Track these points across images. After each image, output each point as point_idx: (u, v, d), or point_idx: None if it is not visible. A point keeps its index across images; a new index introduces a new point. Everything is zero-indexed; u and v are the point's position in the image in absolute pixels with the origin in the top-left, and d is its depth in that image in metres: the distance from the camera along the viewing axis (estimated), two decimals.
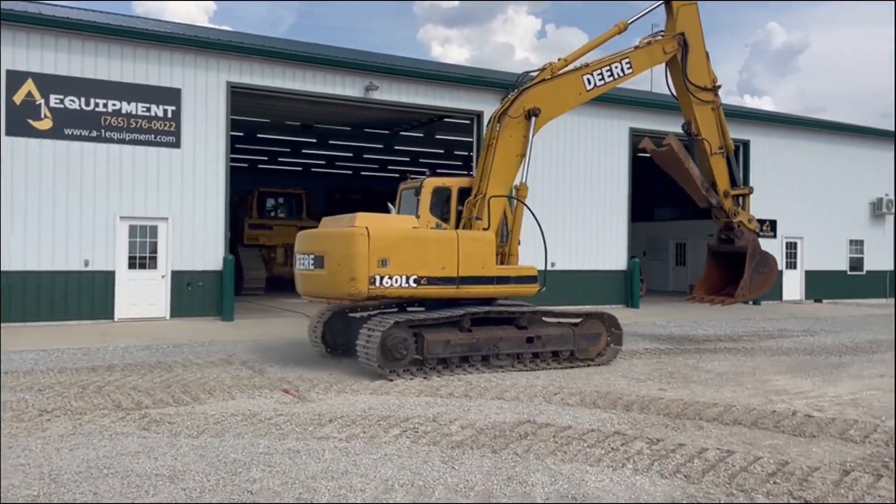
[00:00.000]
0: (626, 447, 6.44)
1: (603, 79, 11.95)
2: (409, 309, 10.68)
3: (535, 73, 11.84)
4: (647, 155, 29.64)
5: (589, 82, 11.77)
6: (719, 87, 12.98)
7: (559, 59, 11.80)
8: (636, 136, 21.85)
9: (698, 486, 5.49)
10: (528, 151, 11.25)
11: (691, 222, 29.82)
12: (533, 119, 11.13)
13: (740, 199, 13.30)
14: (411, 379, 9.50)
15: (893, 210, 26.29)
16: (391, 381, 9.34)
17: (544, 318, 10.95)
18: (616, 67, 12.06)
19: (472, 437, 6.70)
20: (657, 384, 9.56)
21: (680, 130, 13.48)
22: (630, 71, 12.19)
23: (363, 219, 9.95)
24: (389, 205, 12.28)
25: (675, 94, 12.88)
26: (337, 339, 11.42)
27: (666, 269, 30.37)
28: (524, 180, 11.31)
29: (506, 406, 8.09)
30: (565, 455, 6.20)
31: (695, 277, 28.63)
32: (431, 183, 11.42)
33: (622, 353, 11.89)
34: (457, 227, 11.12)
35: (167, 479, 5.43)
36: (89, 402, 7.93)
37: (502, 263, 10.98)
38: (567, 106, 11.92)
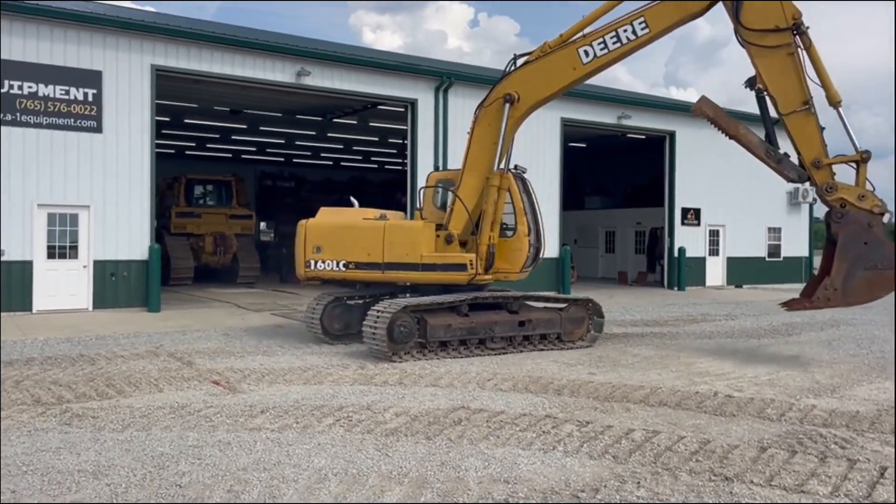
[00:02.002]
0: (556, 430, 6.59)
1: (606, 47, 10.46)
2: (408, 295, 11.45)
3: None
4: (579, 145, 29.87)
5: (587, 54, 10.55)
6: (798, 25, 9.85)
7: (558, 36, 10.81)
8: (567, 126, 22.22)
9: (625, 466, 5.67)
10: (500, 140, 10.96)
11: (620, 210, 30.62)
12: (507, 106, 10.94)
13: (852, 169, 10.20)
14: (415, 361, 9.98)
15: (809, 199, 27.56)
16: (395, 362, 9.87)
17: (533, 304, 11.67)
18: (625, 31, 10.39)
19: (406, 425, 6.73)
20: (587, 368, 9.80)
21: (613, 121, 13.27)
22: (646, 32, 10.34)
23: (319, 212, 12.20)
24: (352, 199, 12.84)
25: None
26: (334, 325, 11.62)
27: (596, 256, 31.07)
28: (500, 168, 11.14)
29: (440, 393, 8.14)
30: (498, 439, 6.30)
31: (623, 264, 29.51)
32: (434, 177, 12.70)
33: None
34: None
35: (90, 475, 5.26)
36: (6, 398, 7.57)
37: (470, 252, 11.13)
38: (557, 85, 10.91)
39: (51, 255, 14.88)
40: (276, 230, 36.19)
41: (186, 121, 24.68)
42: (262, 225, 35.03)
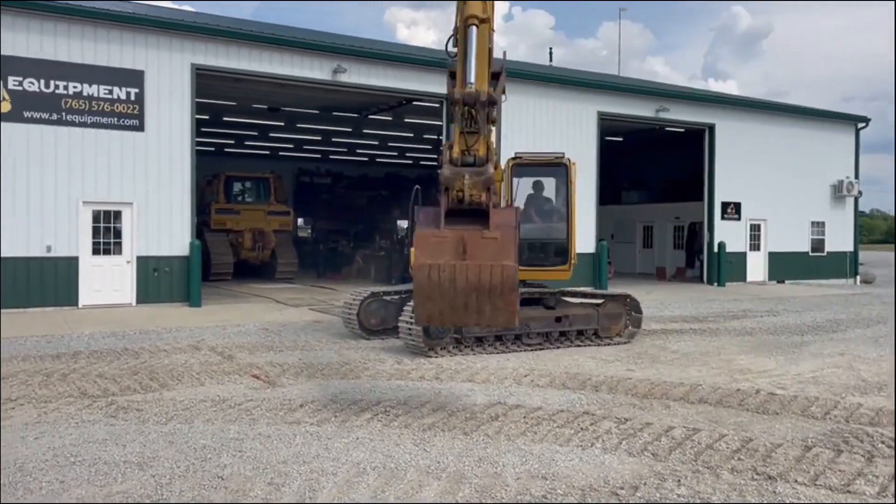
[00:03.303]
0: (594, 427, 6.54)
1: None
2: None
3: None
4: (616, 139, 29.70)
5: None
6: None
7: None
8: (603, 120, 22.01)
9: (665, 463, 5.60)
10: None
11: (658, 205, 30.21)
12: None
13: None
14: (451, 356, 9.97)
15: (854, 192, 26.87)
16: (431, 357, 9.87)
17: (569, 299, 11.61)
18: None
19: (443, 420, 6.75)
20: (625, 365, 9.70)
21: (651, 114, 13.16)
22: None
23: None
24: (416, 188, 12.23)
25: None
26: (371, 320, 11.65)
27: (633, 251, 30.73)
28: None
29: (477, 388, 8.14)
30: (535, 436, 6.28)
31: (662, 260, 29.12)
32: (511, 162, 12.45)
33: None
34: None
35: (136, 466, 5.38)
36: (54, 390, 7.80)
37: None
38: None
39: (96, 252, 15.25)
40: (314, 226, 36.59)
41: (225, 119, 25.05)
42: (300, 221, 35.42)
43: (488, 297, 6.42)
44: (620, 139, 28.29)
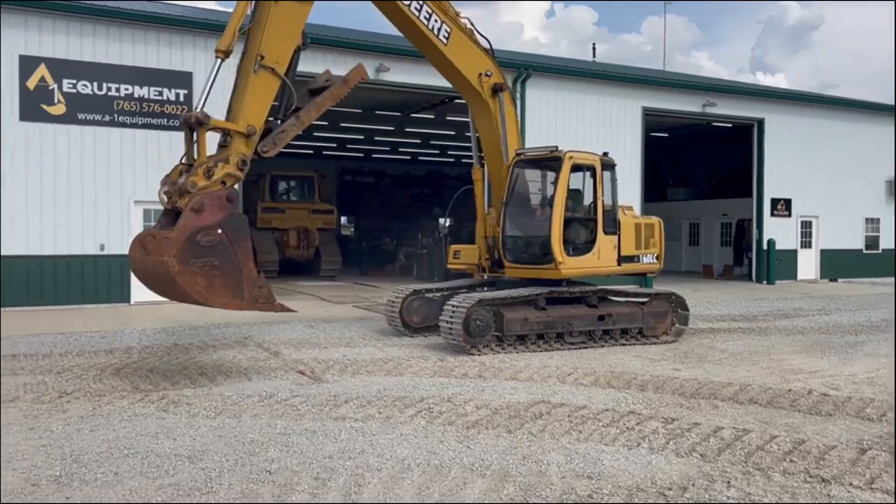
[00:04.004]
0: (641, 426, 6.45)
1: (419, 13, 10.45)
2: (482, 288, 11.49)
3: None
4: (661, 134, 29.31)
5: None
6: None
7: None
8: (648, 115, 21.69)
9: (714, 464, 5.50)
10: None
11: (705, 202, 29.67)
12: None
13: None
14: (494, 354, 9.95)
15: None
16: (474, 354, 9.86)
17: (614, 298, 11.46)
18: (437, 22, 10.61)
19: (487, 417, 6.74)
20: (671, 364, 9.55)
21: (697, 109, 13.12)
22: (441, 44, 10.71)
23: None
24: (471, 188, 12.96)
25: None
26: (413, 317, 11.68)
27: (679, 249, 30.23)
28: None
29: (520, 386, 8.11)
30: (580, 434, 6.23)
31: (709, 257, 28.57)
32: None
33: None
34: None
35: (186, 459, 5.50)
36: (108, 384, 8.02)
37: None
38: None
39: None
40: (357, 224, 36.92)
41: (269, 118, 25.36)
42: (343, 219, 35.76)
43: (163, 283, 7.79)
44: (666, 135, 27.84)
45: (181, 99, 15.79)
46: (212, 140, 8.50)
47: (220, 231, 7.84)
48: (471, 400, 7.41)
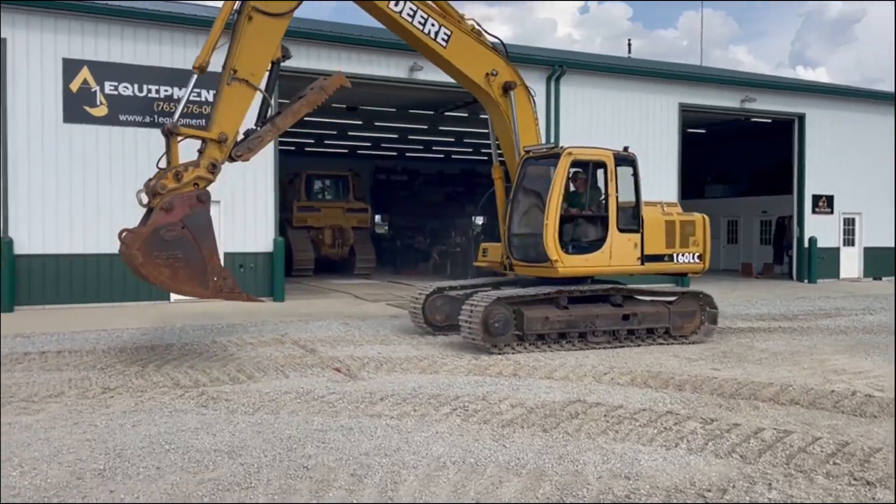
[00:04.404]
0: (678, 427, 6.37)
1: (412, 18, 10.51)
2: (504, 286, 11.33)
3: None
4: (698, 131, 28.93)
5: (396, 4, 10.44)
6: None
7: None
8: (685, 111, 21.38)
9: (755, 466, 5.40)
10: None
11: (744, 199, 29.15)
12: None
13: None
14: (514, 353, 9.84)
15: None
16: (495, 354, 9.78)
17: (640, 297, 11.19)
18: (433, 24, 10.62)
19: (522, 416, 6.72)
20: (710, 364, 9.41)
21: (736, 105, 12.83)
22: (441, 47, 10.72)
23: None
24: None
25: None
26: (436, 316, 11.59)
27: (717, 247, 29.75)
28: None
29: (555, 385, 8.07)
30: (617, 434, 6.17)
31: (748, 255, 28.07)
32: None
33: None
34: None
35: (226, 455, 5.59)
36: (149, 381, 8.19)
37: None
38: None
39: None
40: (391, 223, 37.07)
41: (305, 118, 25.58)
42: (377, 218, 35.93)
43: (137, 273, 8.78)
44: (703, 131, 27.41)
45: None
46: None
47: (182, 227, 8.72)
48: (506, 398, 7.39)
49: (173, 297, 15.72)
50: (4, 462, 5.38)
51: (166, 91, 15.62)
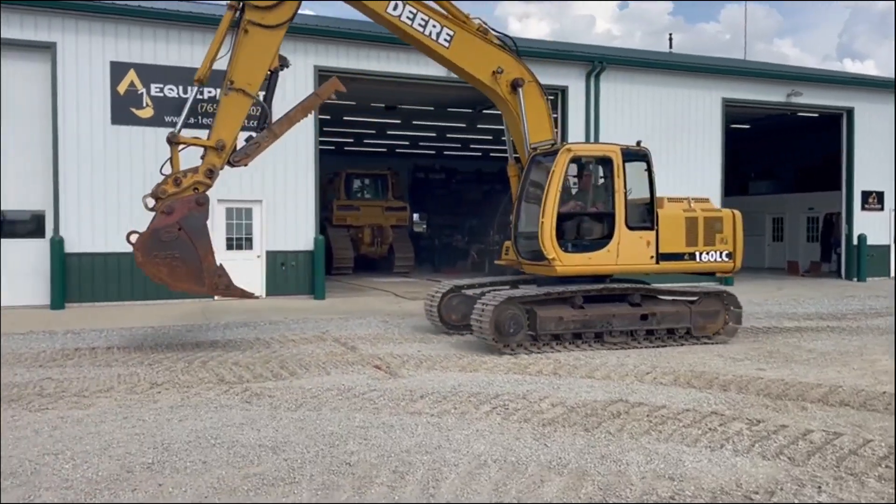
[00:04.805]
0: (724, 428, 6.26)
1: (412, 21, 10.50)
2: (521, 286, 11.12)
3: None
4: (742, 126, 28.36)
5: (395, 9, 10.47)
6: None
7: None
8: (729, 106, 20.98)
9: (804, 468, 5.28)
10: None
11: (789, 195, 28.48)
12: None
13: None
14: (528, 354, 9.65)
15: None
16: (507, 354, 9.58)
17: (660, 297, 10.87)
18: (434, 26, 10.60)
19: (563, 415, 6.67)
20: (755, 364, 9.23)
21: (781, 99, 12.45)
22: (444, 48, 10.66)
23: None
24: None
25: None
26: (452, 315, 11.46)
27: (762, 245, 29.14)
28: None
29: (596, 385, 8.00)
30: (660, 435, 6.09)
31: (794, 253, 27.41)
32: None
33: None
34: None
35: (270, 450, 5.67)
36: (195, 376, 8.35)
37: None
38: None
39: (229, 247, 16.19)
40: (429, 221, 37.14)
41: (345, 118, 25.86)
42: (416, 216, 36.03)
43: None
44: (747, 126, 26.87)
45: (261, 100, 16.19)
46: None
47: (179, 228, 9.34)
48: (546, 397, 7.35)
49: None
50: (57, 455, 5.54)
51: (210, 93, 15.89)
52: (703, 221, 11.07)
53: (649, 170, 10.76)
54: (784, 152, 29.62)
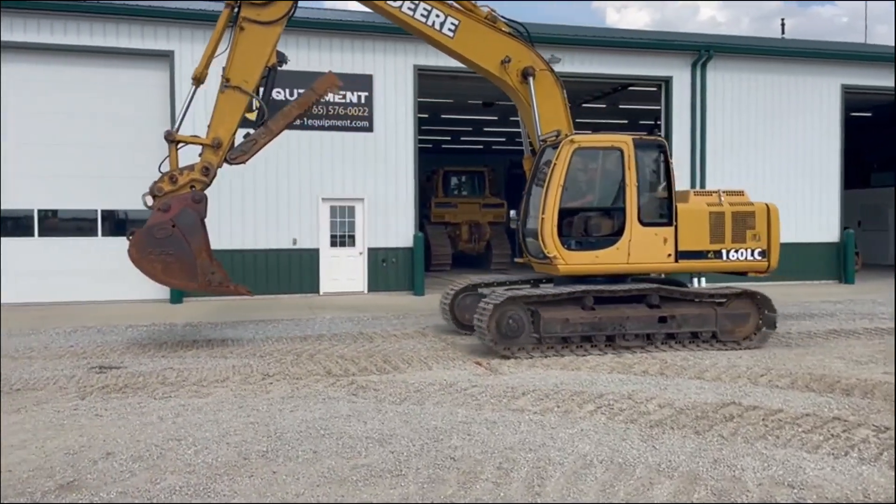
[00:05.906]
0: (848, 434, 5.90)
1: (414, 12, 10.28)
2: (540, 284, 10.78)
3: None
4: (864, 114, 26.63)
5: None
6: None
7: None
8: (849, 93, 19.71)
9: None
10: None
11: None
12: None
13: None
14: (530, 357, 9.19)
15: None
16: (510, 357, 9.16)
17: (684, 298, 10.00)
18: (438, 16, 10.36)
19: (671, 417, 6.48)
20: (881, 367, 8.64)
21: None
22: (449, 37, 10.37)
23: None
24: None
25: None
26: (465, 315, 11.02)
27: (885, 240, 27.23)
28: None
29: (706, 386, 7.71)
30: (777, 440, 5.80)
31: None
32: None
33: (837, 334, 10.90)
34: None
35: (376, 442, 5.79)
36: (304, 369, 8.65)
37: None
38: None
39: (333, 244, 16.69)
40: None
41: (443, 116, 26.08)
42: (512, 213, 35.81)
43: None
44: (869, 114, 25.15)
45: (362, 101, 16.63)
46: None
47: (172, 226, 9.42)
48: (653, 398, 7.15)
49: (322, 289, 16.55)
50: (180, 441, 5.87)
51: (278, 94, 16.28)
52: (731, 216, 10.14)
53: (666, 161, 10.03)
54: None
